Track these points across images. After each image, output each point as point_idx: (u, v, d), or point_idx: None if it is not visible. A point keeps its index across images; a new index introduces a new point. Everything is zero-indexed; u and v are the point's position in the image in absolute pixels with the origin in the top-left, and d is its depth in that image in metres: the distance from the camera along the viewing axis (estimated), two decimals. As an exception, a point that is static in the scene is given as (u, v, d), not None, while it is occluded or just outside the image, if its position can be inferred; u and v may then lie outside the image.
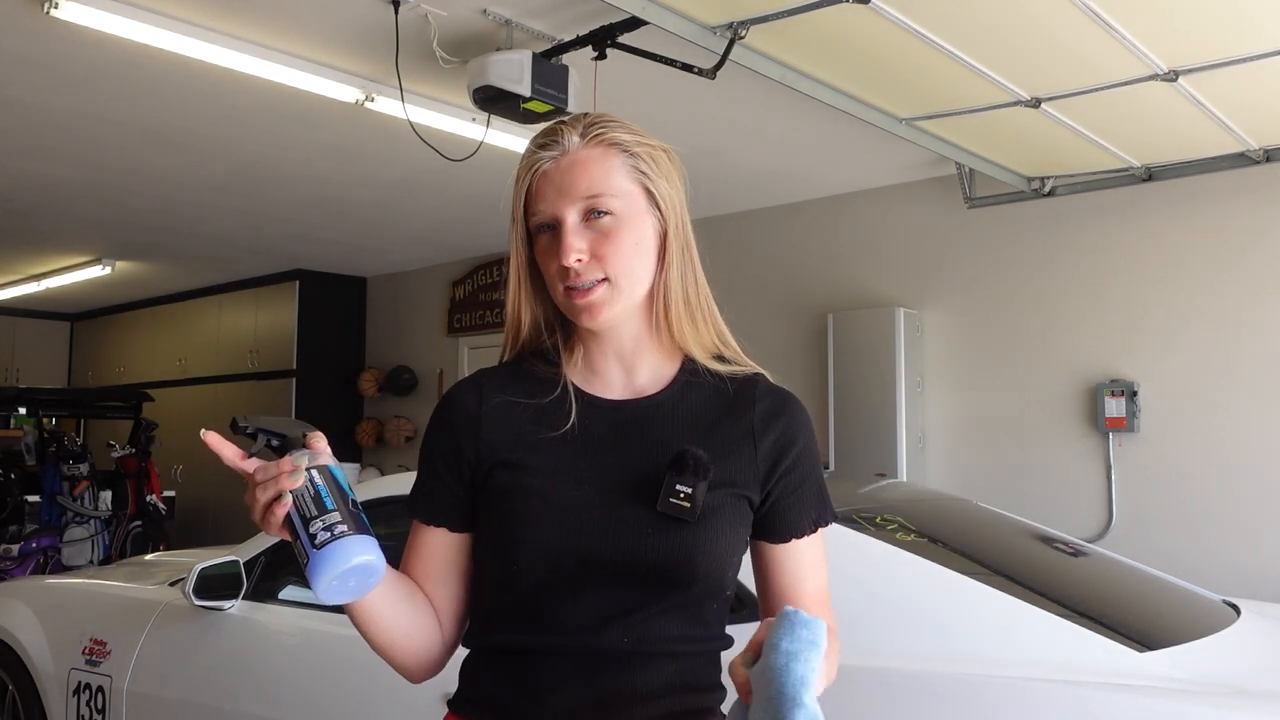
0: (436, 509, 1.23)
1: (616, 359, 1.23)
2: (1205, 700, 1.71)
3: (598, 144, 1.17)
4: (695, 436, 1.19)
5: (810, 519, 1.24)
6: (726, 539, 1.17)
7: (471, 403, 1.22)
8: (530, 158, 1.19)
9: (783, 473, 1.22)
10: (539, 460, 1.17)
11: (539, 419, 1.20)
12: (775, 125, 4.62)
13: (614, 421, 1.20)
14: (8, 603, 3.36)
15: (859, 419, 5.32)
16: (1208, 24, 3.10)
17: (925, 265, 5.45)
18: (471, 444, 1.20)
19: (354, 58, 3.87)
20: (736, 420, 1.22)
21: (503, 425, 1.20)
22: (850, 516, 2.30)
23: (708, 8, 3.09)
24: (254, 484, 1.06)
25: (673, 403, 1.22)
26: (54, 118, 4.57)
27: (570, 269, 1.14)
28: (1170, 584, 2.55)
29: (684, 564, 1.13)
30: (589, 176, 1.15)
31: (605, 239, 1.15)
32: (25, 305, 10.00)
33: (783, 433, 1.23)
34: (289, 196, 5.97)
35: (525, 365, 1.25)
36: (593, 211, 1.15)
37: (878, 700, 1.86)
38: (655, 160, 1.20)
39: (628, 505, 1.14)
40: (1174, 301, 4.69)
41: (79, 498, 7.19)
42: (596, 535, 1.13)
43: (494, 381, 1.24)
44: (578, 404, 1.20)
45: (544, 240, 1.18)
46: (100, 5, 3.32)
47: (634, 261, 1.17)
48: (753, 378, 1.27)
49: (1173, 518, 4.62)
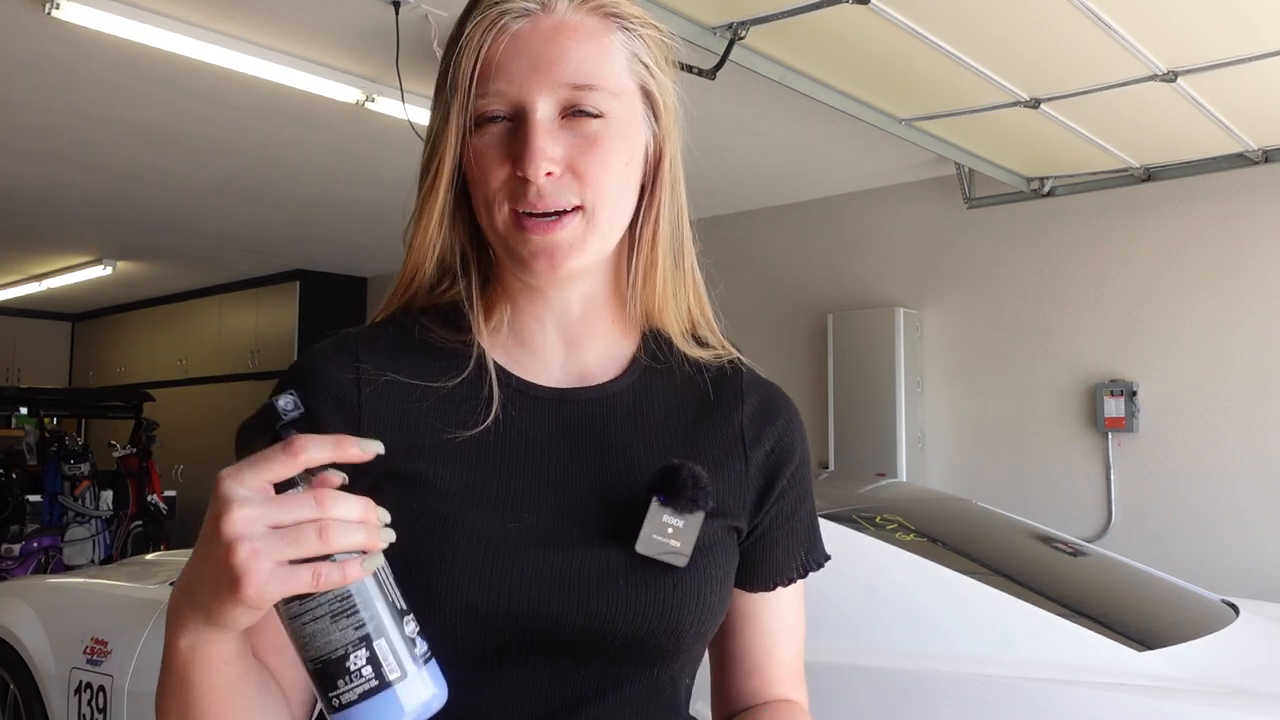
0: None
1: (558, 329, 0.86)
2: (1204, 700, 1.72)
3: (594, 11, 0.80)
4: (670, 443, 0.85)
5: (799, 560, 0.92)
6: (721, 591, 0.83)
7: (344, 382, 0.80)
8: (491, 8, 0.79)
9: (777, 496, 0.89)
10: (448, 474, 0.79)
11: (444, 411, 0.81)
12: (775, 125, 4.62)
13: (555, 419, 0.83)
14: (9, 602, 3.36)
15: (859, 419, 5.33)
16: (1207, 24, 3.10)
17: (925, 265, 5.45)
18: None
19: (354, 58, 3.88)
20: (721, 421, 0.88)
21: (391, 418, 0.80)
22: (850, 516, 2.30)
23: (708, 8, 3.10)
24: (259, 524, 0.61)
25: (634, 395, 0.86)
26: (54, 118, 4.57)
27: (533, 184, 0.77)
28: (1169, 584, 2.55)
29: (669, 630, 0.79)
30: (580, 54, 0.78)
31: (590, 148, 0.79)
32: (26, 305, 10.00)
33: (779, 442, 0.90)
34: (289, 196, 5.97)
35: (416, 329, 0.84)
36: (575, 108, 0.78)
37: (878, 700, 1.87)
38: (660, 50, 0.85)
39: (589, 544, 0.78)
40: (1173, 302, 4.69)
41: (80, 497, 7.20)
42: (544, 589, 0.76)
43: (373, 350, 0.82)
44: (502, 391, 0.82)
45: (488, 136, 0.79)
46: (100, 5, 3.32)
47: (621, 189, 0.82)
48: (734, 365, 0.93)
49: (1172, 518, 4.62)
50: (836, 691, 1.90)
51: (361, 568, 0.62)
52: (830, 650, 1.95)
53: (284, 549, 0.61)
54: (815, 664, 1.90)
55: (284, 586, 0.61)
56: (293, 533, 0.61)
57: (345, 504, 0.62)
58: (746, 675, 0.90)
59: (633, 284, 0.87)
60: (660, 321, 0.89)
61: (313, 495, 0.62)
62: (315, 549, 0.61)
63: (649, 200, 0.86)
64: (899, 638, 1.95)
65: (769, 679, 0.90)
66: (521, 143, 0.77)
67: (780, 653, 0.91)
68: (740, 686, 0.91)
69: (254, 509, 0.62)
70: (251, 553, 0.60)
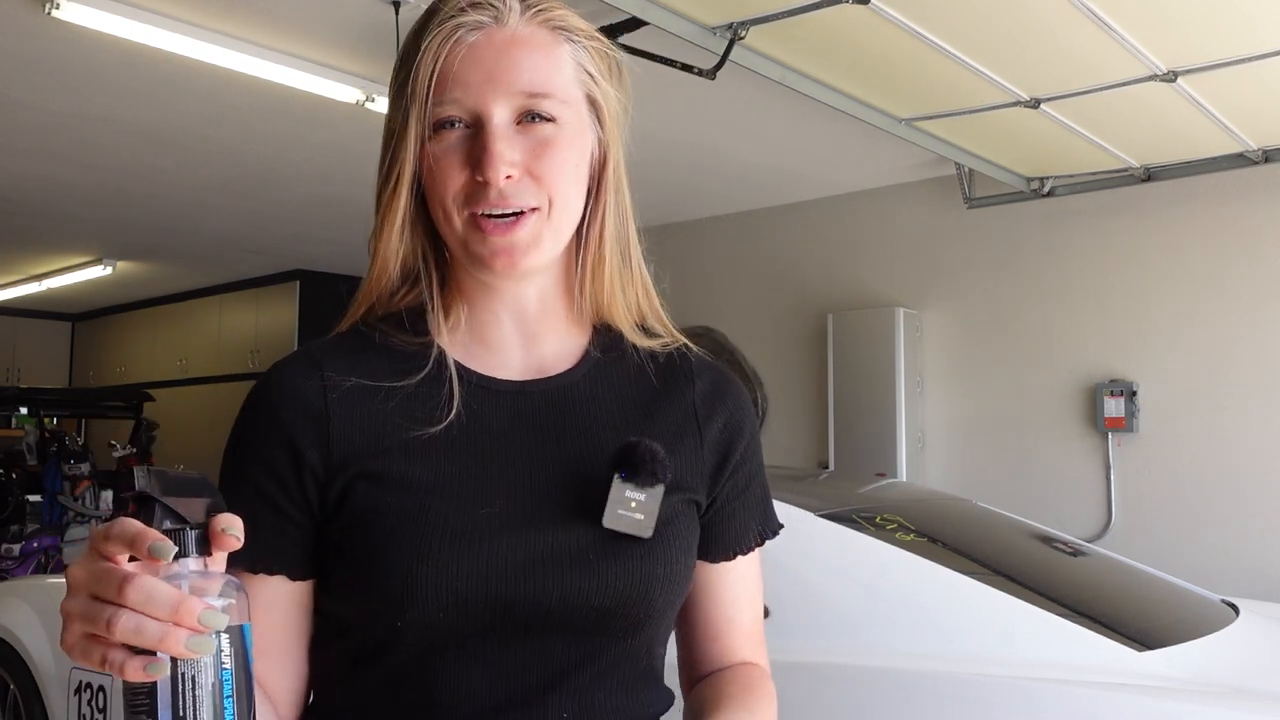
0: (269, 549, 0.82)
1: (515, 324, 0.90)
2: (1204, 700, 1.72)
3: (543, 23, 0.85)
4: (628, 425, 0.89)
5: (755, 529, 0.96)
6: (686, 560, 0.88)
7: (311, 390, 0.85)
8: (446, 21, 0.82)
9: (732, 470, 0.93)
10: (418, 469, 0.83)
11: (408, 409, 0.85)
12: (775, 125, 4.62)
13: (516, 410, 0.88)
14: (9, 602, 3.36)
15: (859, 419, 5.33)
16: (1207, 24, 3.10)
17: (925, 265, 5.45)
18: (317, 450, 0.83)
19: (354, 58, 3.88)
20: (674, 402, 0.92)
21: (359, 421, 0.84)
22: (850, 516, 2.30)
23: (708, 8, 3.10)
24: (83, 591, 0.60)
25: (590, 383, 0.91)
26: (54, 118, 4.57)
27: (494, 187, 0.81)
28: (1169, 584, 2.55)
29: (640, 599, 0.83)
30: (532, 64, 0.83)
31: (545, 151, 0.83)
32: (26, 305, 10.00)
33: (730, 418, 0.94)
34: (289, 196, 5.97)
35: (377, 335, 0.89)
36: (530, 114, 0.83)
37: (878, 700, 1.87)
38: (604, 61, 0.90)
39: (559, 524, 0.83)
40: (1173, 301, 4.70)
41: (80, 497, 7.19)
42: (522, 570, 0.80)
43: (336, 358, 0.87)
44: (462, 387, 0.86)
45: (446, 142, 0.83)
46: (100, 5, 3.32)
47: (573, 190, 0.86)
48: (681, 350, 0.96)
49: (1172, 517, 4.63)
50: (836, 691, 1.90)
51: (142, 669, 0.57)
52: (830, 650, 1.95)
53: (86, 623, 0.59)
54: (816, 664, 1.91)
55: (80, 657, 0.59)
56: (95, 609, 0.58)
57: (152, 597, 0.57)
58: (710, 641, 0.95)
59: (581, 280, 0.91)
60: (610, 315, 0.93)
61: (120, 577, 0.58)
62: (103, 633, 0.57)
63: (595, 201, 0.90)
64: (899, 638, 1.95)
65: (731, 644, 0.95)
66: (481, 148, 0.81)
67: (740, 619, 0.95)
68: (704, 652, 0.95)
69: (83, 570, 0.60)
70: (67, 614, 0.60)
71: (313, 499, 0.84)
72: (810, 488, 2.87)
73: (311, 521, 0.84)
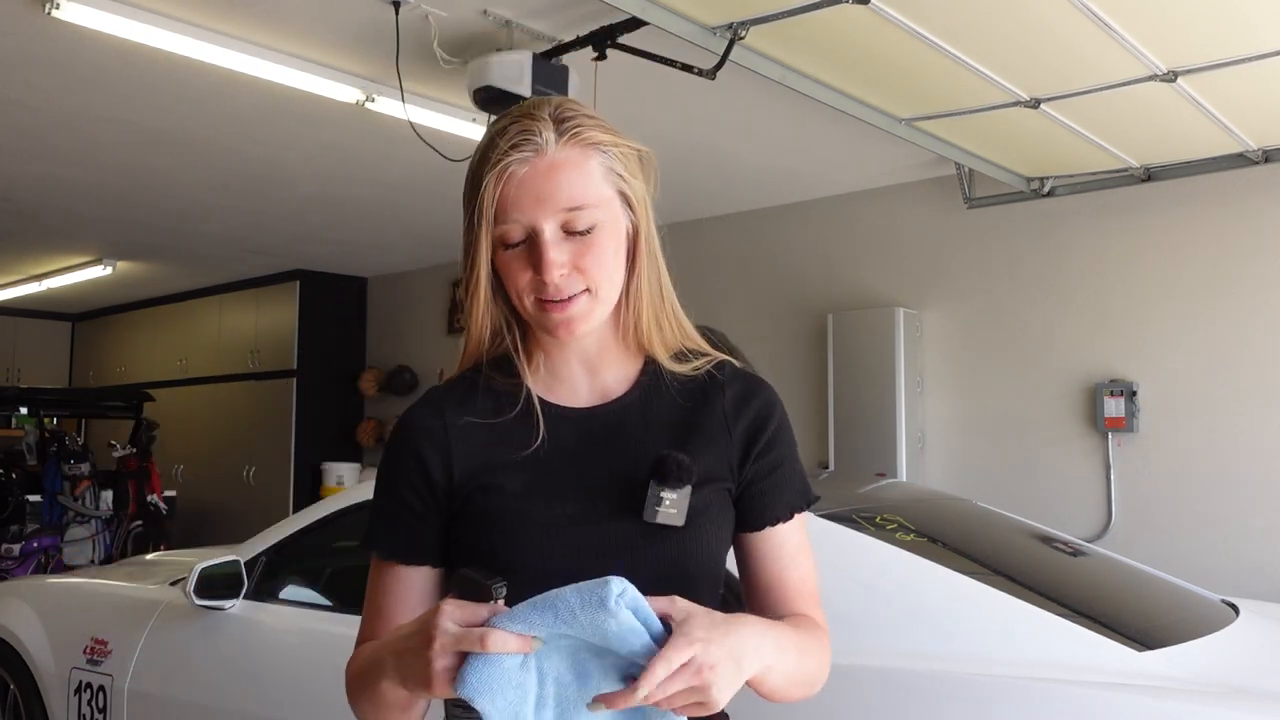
0: (417, 545, 1.14)
1: (581, 364, 1.18)
2: (1204, 700, 1.72)
3: (575, 143, 1.08)
4: (671, 437, 1.15)
5: (786, 504, 1.18)
6: (716, 538, 1.14)
7: (436, 426, 1.15)
8: (500, 158, 1.07)
9: (757, 455, 1.17)
10: (514, 481, 1.12)
11: (506, 437, 1.14)
12: (775, 125, 4.62)
13: (584, 431, 1.15)
14: (9, 602, 3.36)
15: (859, 419, 5.33)
16: (1207, 24, 3.10)
17: (925, 265, 5.45)
18: (443, 470, 1.13)
19: (354, 58, 3.88)
20: (709, 411, 1.17)
21: (471, 448, 1.14)
22: (850, 516, 2.30)
23: (708, 8, 3.10)
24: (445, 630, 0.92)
25: (642, 404, 1.17)
26: (54, 118, 4.57)
27: (550, 283, 1.07)
28: (1169, 584, 2.55)
29: (679, 573, 1.09)
30: (570, 184, 1.06)
31: (587, 250, 1.08)
32: (26, 305, 10.00)
33: (756, 415, 1.18)
34: (289, 196, 5.97)
35: (480, 379, 1.17)
36: (571, 226, 1.07)
37: (878, 700, 1.87)
38: (629, 160, 1.13)
39: (615, 519, 1.10)
40: (1173, 301, 4.70)
41: (80, 497, 7.20)
42: (588, 554, 1.07)
43: (452, 401, 1.17)
44: (545, 417, 1.14)
45: (513, 252, 1.09)
46: (100, 5, 3.32)
47: (613, 270, 1.11)
48: (719, 366, 1.20)
49: (1172, 517, 4.63)
50: (836, 691, 1.90)
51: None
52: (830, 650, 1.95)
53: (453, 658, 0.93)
54: (815, 664, 1.91)
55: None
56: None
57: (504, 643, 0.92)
58: (764, 595, 1.18)
59: (627, 326, 1.17)
60: (653, 350, 1.18)
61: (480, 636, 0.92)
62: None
63: (633, 267, 1.15)
64: (899, 638, 1.95)
65: (783, 596, 1.17)
66: (538, 257, 1.07)
67: (787, 577, 1.18)
68: (762, 606, 1.18)
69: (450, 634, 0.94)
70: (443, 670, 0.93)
71: (444, 506, 1.14)
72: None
73: (443, 523, 1.14)
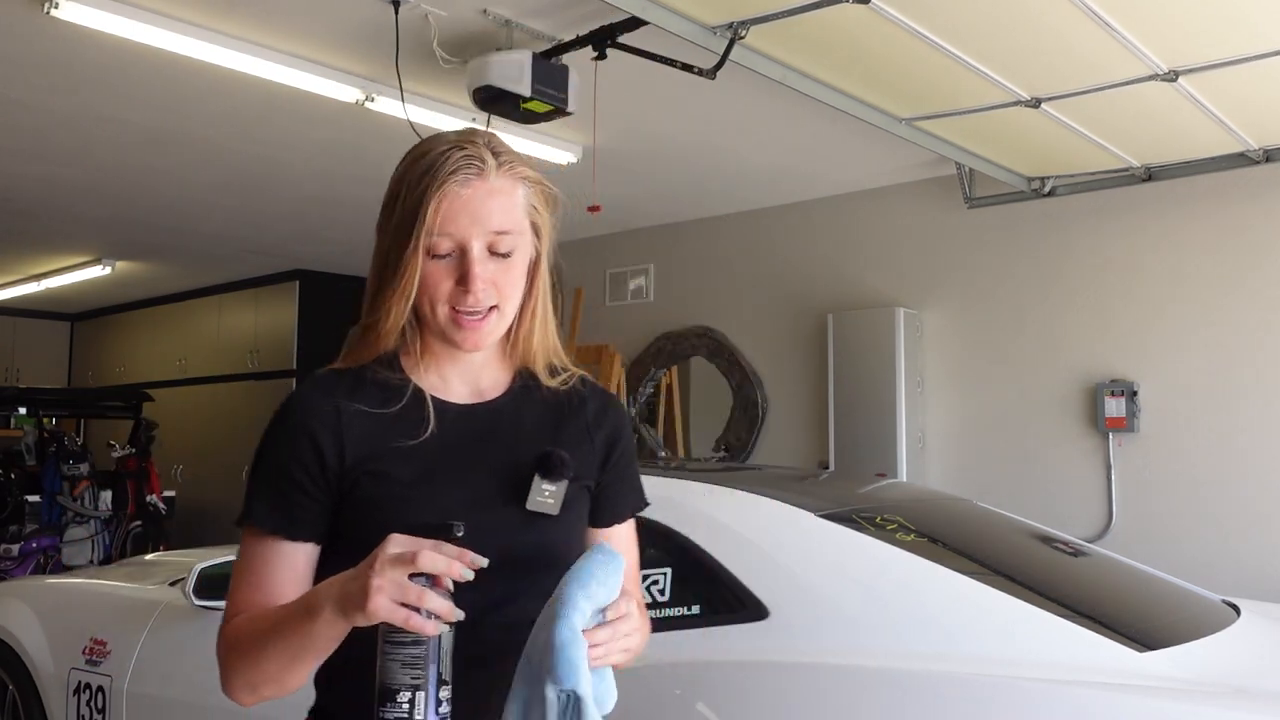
0: (301, 522, 1.20)
1: (465, 367, 1.29)
2: (1205, 700, 1.71)
3: (508, 174, 1.21)
4: (544, 436, 1.27)
5: (630, 505, 1.37)
6: (581, 526, 1.29)
7: (329, 410, 1.21)
8: (446, 177, 1.18)
9: (613, 463, 1.33)
10: (404, 468, 1.20)
11: (395, 427, 1.22)
12: (775, 125, 4.62)
13: (468, 426, 1.26)
14: (8, 602, 3.36)
15: (859, 419, 5.32)
16: (1208, 24, 3.10)
17: (925, 265, 5.45)
18: (336, 453, 1.19)
19: (354, 58, 3.87)
20: (575, 419, 1.32)
21: (362, 434, 1.21)
22: (850, 516, 2.30)
23: (708, 8, 3.09)
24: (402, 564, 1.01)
25: (516, 406, 1.29)
26: (54, 118, 4.57)
27: (473, 294, 1.18)
28: (1170, 584, 2.55)
29: (550, 557, 1.20)
30: (501, 210, 1.20)
31: (506, 270, 1.21)
32: (25, 305, 9.99)
33: (613, 427, 1.35)
34: (289, 196, 5.97)
35: (366, 372, 1.25)
36: (496, 248, 1.20)
37: (878, 700, 1.86)
38: (543, 195, 1.26)
39: (498, 506, 1.21)
40: (1174, 301, 4.69)
41: (79, 497, 7.20)
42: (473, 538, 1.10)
43: (342, 389, 1.23)
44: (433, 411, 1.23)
45: (439, 262, 1.20)
46: (100, 5, 3.32)
47: (519, 291, 1.25)
48: (580, 380, 1.35)
49: (1172, 517, 4.62)
50: (836, 691, 1.90)
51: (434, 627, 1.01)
52: (830, 650, 1.95)
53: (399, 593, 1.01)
54: (816, 664, 1.91)
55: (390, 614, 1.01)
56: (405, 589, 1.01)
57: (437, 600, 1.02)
58: None
59: (514, 342, 1.30)
60: (531, 363, 1.32)
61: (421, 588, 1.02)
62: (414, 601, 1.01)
63: (530, 291, 1.28)
64: (899, 638, 1.95)
65: None
66: (465, 270, 1.19)
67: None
68: None
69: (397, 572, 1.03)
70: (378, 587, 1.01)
71: (333, 487, 1.20)
72: (810, 488, 2.87)
73: (329, 504, 1.20)
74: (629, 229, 6.64)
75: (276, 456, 1.21)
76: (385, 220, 1.24)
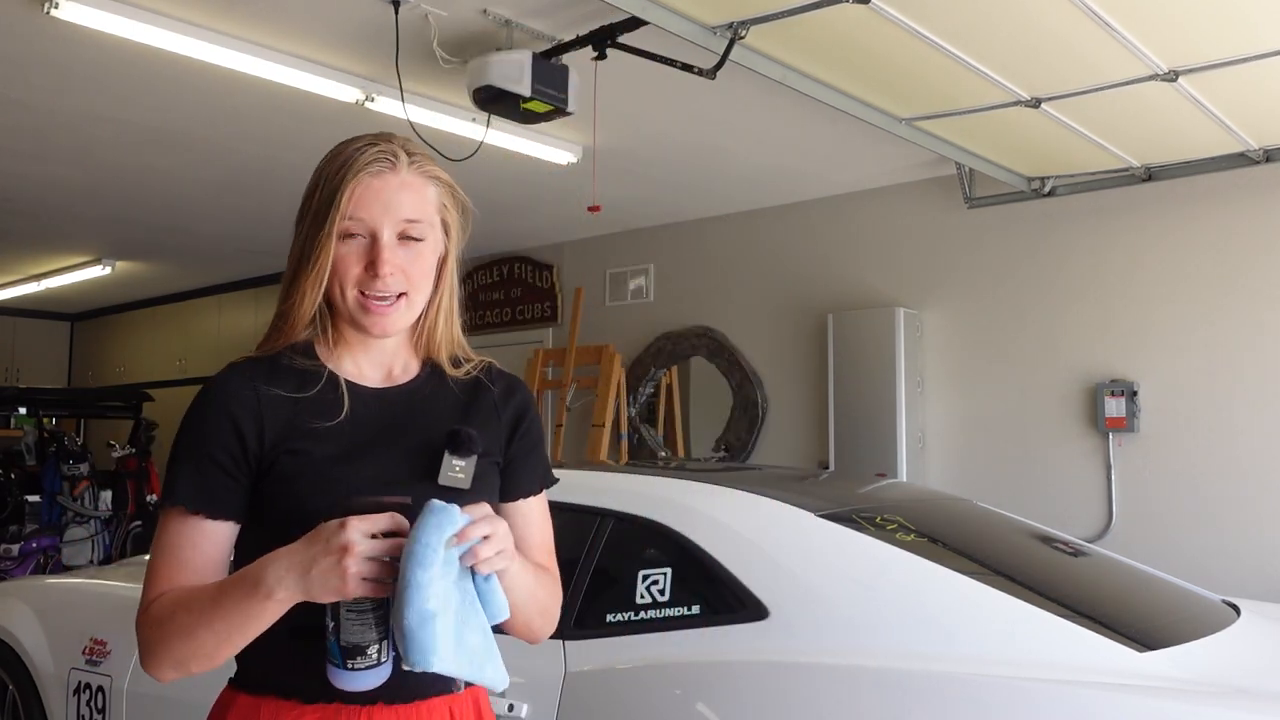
0: (222, 502, 1.25)
1: (378, 354, 1.37)
2: (1205, 700, 1.71)
3: (420, 172, 1.31)
4: (454, 416, 1.35)
5: (538, 479, 1.44)
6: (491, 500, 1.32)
7: (249, 394, 1.27)
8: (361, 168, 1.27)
9: (519, 439, 1.41)
10: (321, 448, 1.26)
11: (312, 409, 1.28)
12: (775, 125, 4.62)
13: (381, 408, 1.33)
14: (8, 602, 3.36)
15: (859, 419, 5.32)
16: (1208, 24, 3.10)
17: (925, 265, 5.45)
18: (256, 436, 1.25)
19: (354, 58, 3.87)
20: (482, 401, 1.40)
21: (280, 417, 1.27)
22: (850, 516, 2.30)
23: (708, 8, 3.09)
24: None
25: (427, 389, 1.37)
26: (54, 118, 4.57)
27: (382, 279, 1.26)
28: (1170, 584, 2.55)
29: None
30: (412, 201, 1.29)
31: (415, 258, 1.29)
32: (25, 305, 10.00)
33: (517, 407, 1.43)
34: (289, 196, 5.91)
35: (281, 359, 1.32)
36: (407, 234, 1.28)
37: (878, 700, 1.86)
38: (454, 197, 1.36)
39: (412, 482, 1.25)
40: (1174, 301, 4.69)
41: (79, 497, 7.19)
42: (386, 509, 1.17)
43: (259, 375, 1.30)
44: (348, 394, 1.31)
45: (349, 246, 1.28)
46: (100, 5, 3.32)
47: (427, 282, 1.33)
48: (486, 366, 1.43)
49: (1173, 517, 4.62)
50: (836, 691, 1.90)
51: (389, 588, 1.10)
52: (830, 650, 1.95)
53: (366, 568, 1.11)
54: (816, 664, 1.91)
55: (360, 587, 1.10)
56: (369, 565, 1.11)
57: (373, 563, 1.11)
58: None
59: (421, 333, 1.38)
60: (436, 354, 1.40)
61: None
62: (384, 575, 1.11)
63: (438, 285, 1.36)
64: (899, 638, 1.95)
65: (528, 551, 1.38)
66: (375, 254, 1.27)
67: (532, 539, 1.42)
68: None
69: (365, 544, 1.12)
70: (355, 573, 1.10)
71: (252, 468, 1.26)
72: (810, 488, 2.87)
73: (249, 484, 1.26)
74: (629, 229, 6.64)
75: (199, 440, 1.25)
76: (303, 211, 1.32)
